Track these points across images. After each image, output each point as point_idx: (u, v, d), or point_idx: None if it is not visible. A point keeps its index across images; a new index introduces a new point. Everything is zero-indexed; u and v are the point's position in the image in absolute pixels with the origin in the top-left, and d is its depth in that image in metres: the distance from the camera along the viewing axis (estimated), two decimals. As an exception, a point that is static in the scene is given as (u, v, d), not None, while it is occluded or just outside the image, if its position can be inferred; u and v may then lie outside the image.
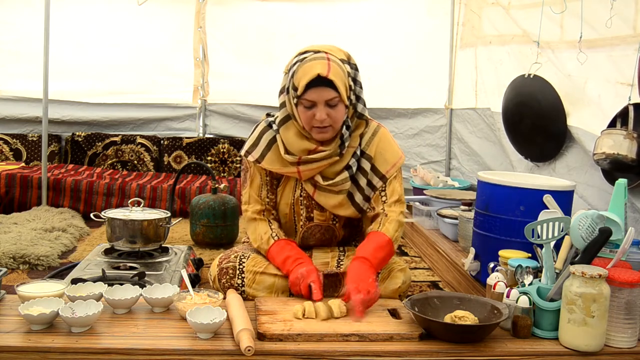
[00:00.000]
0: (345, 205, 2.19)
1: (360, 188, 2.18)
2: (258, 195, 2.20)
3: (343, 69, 2.04)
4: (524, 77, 3.43)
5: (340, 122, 2.07)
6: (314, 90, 1.98)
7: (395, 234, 2.11)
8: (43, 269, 2.99)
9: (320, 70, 1.97)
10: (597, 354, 1.71)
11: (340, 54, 2.09)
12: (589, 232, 1.81)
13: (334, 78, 1.98)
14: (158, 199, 4.36)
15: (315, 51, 2.04)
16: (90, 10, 4.97)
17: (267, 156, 2.16)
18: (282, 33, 5.04)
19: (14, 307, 1.79)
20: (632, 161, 2.54)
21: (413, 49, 4.91)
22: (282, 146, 2.13)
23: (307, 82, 1.97)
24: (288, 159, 2.11)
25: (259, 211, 2.20)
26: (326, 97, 1.99)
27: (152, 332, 1.73)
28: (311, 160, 2.11)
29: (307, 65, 2.00)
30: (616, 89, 2.77)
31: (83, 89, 5.07)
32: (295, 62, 2.06)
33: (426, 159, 5.01)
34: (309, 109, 2.02)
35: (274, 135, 2.17)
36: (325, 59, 2.00)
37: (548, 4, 3.22)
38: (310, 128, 2.06)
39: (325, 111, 2.00)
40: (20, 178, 4.30)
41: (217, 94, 5.27)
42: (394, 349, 1.67)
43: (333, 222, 2.26)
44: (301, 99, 2.02)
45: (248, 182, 2.22)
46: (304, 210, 2.23)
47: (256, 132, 2.21)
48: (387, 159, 2.19)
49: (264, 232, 2.17)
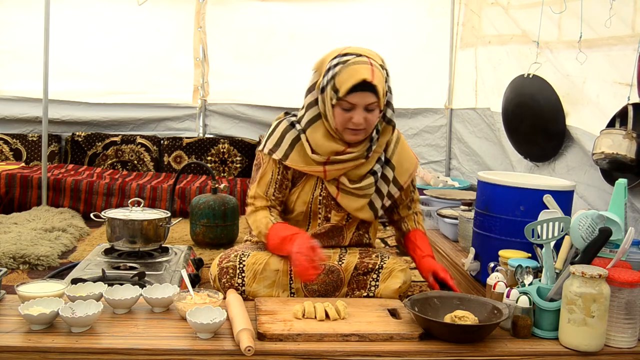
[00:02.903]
0: (366, 208, 2.22)
1: (382, 195, 2.23)
2: (264, 192, 2.20)
3: (383, 74, 2.05)
4: (523, 77, 3.43)
5: (373, 126, 2.09)
6: (357, 94, 1.99)
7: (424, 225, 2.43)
8: (43, 269, 3.00)
9: (366, 75, 1.97)
10: (597, 354, 1.71)
11: (378, 58, 2.09)
12: (589, 232, 1.81)
13: (377, 84, 1.98)
14: (158, 199, 4.36)
15: (357, 54, 2.03)
16: (90, 11, 4.97)
17: (291, 156, 2.16)
18: (282, 33, 5.04)
19: (14, 307, 1.79)
20: (631, 161, 2.53)
21: (413, 49, 4.91)
22: (309, 147, 2.13)
23: (352, 85, 1.97)
24: (315, 158, 2.12)
25: (263, 206, 2.21)
26: (367, 101, 2.00)
27: (152, 332, 1.72)
28: (339, 160, 2.12)
29: (351, 68, 1.99)
30: (615, 88, 2.77)
31: (83, 89, 5.08)
32: (336, 63, 2.03)
33: (426, 159, 5.02)
34: (347, 111, 2.02)
35: (297, 135, 2.16)
36: (369, 63, 2.00)
37: (547, 4, 3.23)
38: (343, 129, 2.07)
39: (363, 115, 2.02)
40: (20, 178, 4.30)
41: (217, 94, 5.27)
42: (394, 349, 1.67)
43: (345, 223, 2.26)
44: (341, 101, 2.01)
45: (257, 178, 2.22)
46: (322, 209, 2.23)
47: (278, 130, 2.20)
48: (407, 169, 2.27)
49: (264, 216, 2.17)
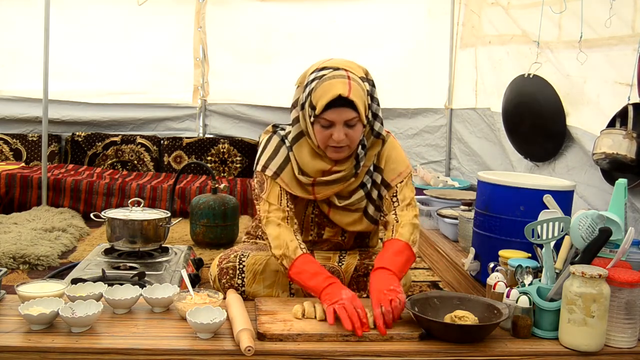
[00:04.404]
0: (359, 221, 2.16)
1: (373, 200, 2.15)
2: (279, 203, 2.04)
3: (363, 87, 1.96)
4: (523, 77, 3.44)
5: (357, 142, 1.99)
6: (333, 110, 1.89)
7: (411, 236, 2.02)
8: (43, 269, 2.99)
9: (341, 90, 1.87)
10: (597, 354, 1.71)
11: (359, 70, 2.00)
12: (589, 232, 1.81)
13: (354, 99, 1.88)
14: (158, 199, 4.36)
15: (334, 67, 1.94)
16: (91, 11, 4.96)
17: (285, 173, 2.07)
18: (281, 33, 5.04)
19: (14, 307, 1.79)
20: (631, 161, 2.53)
21: (413, 49, 4.91)
22: (297, 166, 2.05)
23: (327, 102, 1.88)
24: (302, 179, 2.04)
25: (283, 218, 2.03)
26: (346, 117, 1.90)
27: (152, 332, 1.73)
28: (326, 182, 2.04)
29: (327, 84, 1.90)
30: (615, 88, 2.77)
31: (83, 89, 5.07)
32: (313, 78, 1.95)
33: (426, 159, 5.02)
34: (327, 128, 1.93)
35: (288, 152, 2.08)
36: (346, 77, 1.91)
37: (548, 4, 3.22)
38: (325, 147, 1.98)
39: (344, 131, 1.92)
40: (20, 178, 4.29)
41: (217, 94, 5.26)
42: (394, 349, 1.67)
43: (342, 238, 2.24)
44: (319, 118, 1.92)
45: (267, 192, 2.06)
46: (314, 227, 2.20)
47: (271, 146, 2.11)
48: (394, 169, 2.13)
49: (290, 240, 1.98)
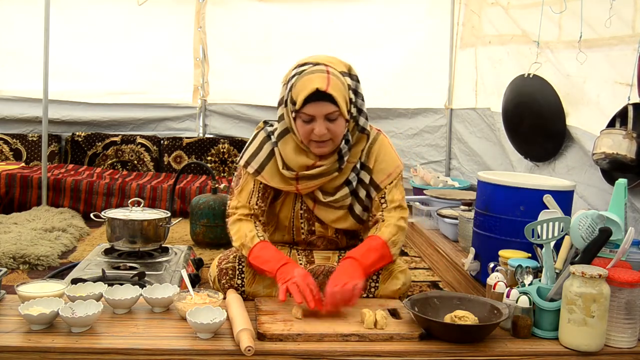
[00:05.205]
0: (344, 218, 2.16)
1: (360, 200, 2.15)
2: (247, 201, 2.12)
3: (343, 81, 1.98)
4: (523, 77, 3.44)
5: (340, 136, 2.01)
6: (312, 104, 1.92)
7: (392, 237, 2.06)
8: (43, 269, 2.99)
9: (319, 84, 1.90)
10: (597, 354, 1.71)
11: (341, 65, 2.02)
12: (589, 232, 1.81)
13: (333, 92, 1.91)
14: (158, 199, 4.36)
15: (314, 63, 1.98)
16: (91, 11, 4.97)
17: (267, 169, 2.10)
18: (281, 33, 5.04)
19: (14, 307, 1.79)
20: (631, 161, 2.54)
21: (413, 49, 4.91)
22: (281, 161, 2.07)
23: (306, 96, 1.91)
24: (286, 174, 2.06)
25: (247, 215, 2.11)
26: (325, 111, 1.93)
27: (152, 332, 1.73)
28: (309, 176, 2.06)
29: (305, 79, 1.93)
30: (615, 88, 2.77)
31: (83, 89, 5.07)
32: (293, 74, 1.99)
33: (426, 159, 5.02)
34: (308, 123, 1.96)
35: (273, 148, 2.11)
36: (325, 71, 1.94)
37: (548, 4, 3.22)
38: (308, 142, 2.01)
39: (325, 125, 1.94)
40: (20, 178, 4.30)
41: (217, 94, 5.27)
42: (394, 349, 1.68)
43: (336, 235, 2.24)
44: (299, 113, 1.95)
45: (239, 188, 2.14)
46: (304, 223, 2.20)
47: (255, 142, 2.15)
48: (383, 169, 2.13)
49: (249, 230, 2.07)
